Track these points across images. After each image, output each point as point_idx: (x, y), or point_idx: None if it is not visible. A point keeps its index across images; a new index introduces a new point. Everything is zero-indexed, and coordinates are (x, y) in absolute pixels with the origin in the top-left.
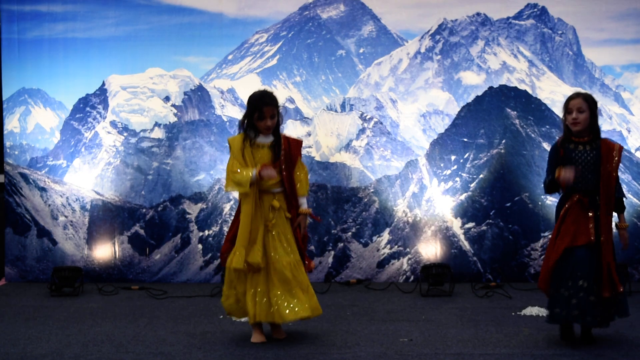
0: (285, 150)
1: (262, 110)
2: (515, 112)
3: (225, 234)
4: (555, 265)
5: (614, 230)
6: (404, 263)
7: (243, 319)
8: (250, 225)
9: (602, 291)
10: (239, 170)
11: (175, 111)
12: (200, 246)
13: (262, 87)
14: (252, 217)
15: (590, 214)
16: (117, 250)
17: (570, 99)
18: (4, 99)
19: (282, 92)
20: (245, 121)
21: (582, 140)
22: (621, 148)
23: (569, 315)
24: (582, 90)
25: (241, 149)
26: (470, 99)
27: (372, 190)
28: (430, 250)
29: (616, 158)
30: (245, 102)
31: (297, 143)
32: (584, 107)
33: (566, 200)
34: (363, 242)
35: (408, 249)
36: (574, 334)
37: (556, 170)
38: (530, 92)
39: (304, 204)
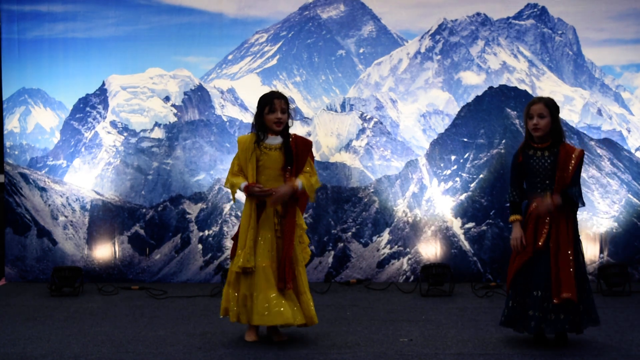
0: (294, 151)
1: (273, 102)
2: (515, 112)
3: (226, 234)
4: (515, 275)
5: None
6: (404, 263)
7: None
8: (248, 229)
9: (552, 297)
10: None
11: (175, 111)
12: (200, 246)
13: (262, 88)
14: (250, 220)
15: (547, 220)
16: (117, 250)
17: (531, 104)
18: (4, 99)
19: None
20: (256, 121)
21: (541, 146)
22: (582, 152)
23: (529, 326)
24: (545, 96)
25: (247, 151)
26: (470, 99)
27: (372, 190)
28: (430, 250)
29: (573, 163)
30: (245, 102)
31: (306, 143)
32: (545, 112)
33: (529, 207)
34: (363, 242)
35: (408, 249)
36: (546, 338)
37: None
38: (530, 92)
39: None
